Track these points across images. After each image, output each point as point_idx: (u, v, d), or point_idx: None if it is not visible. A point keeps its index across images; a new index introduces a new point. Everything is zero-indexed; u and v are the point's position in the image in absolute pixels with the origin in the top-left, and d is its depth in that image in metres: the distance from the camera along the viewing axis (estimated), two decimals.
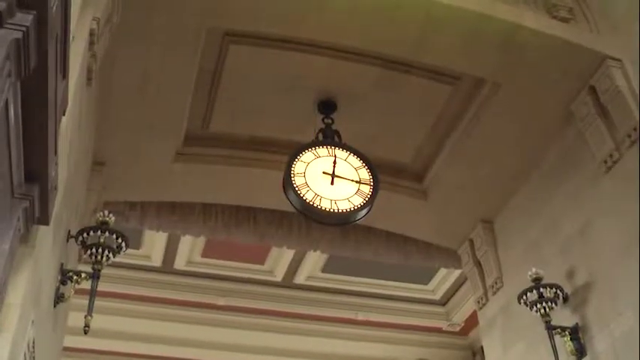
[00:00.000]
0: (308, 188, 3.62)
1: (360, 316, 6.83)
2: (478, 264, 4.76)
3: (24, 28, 1.51)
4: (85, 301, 3.06)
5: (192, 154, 4.32)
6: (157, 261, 6.31)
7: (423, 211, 4.71)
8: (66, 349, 3.79)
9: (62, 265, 3.04)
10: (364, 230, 4.91)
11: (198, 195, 4.62)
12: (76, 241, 3.17)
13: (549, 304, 3.61)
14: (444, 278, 6.65)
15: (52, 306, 2.90)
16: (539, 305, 3.61)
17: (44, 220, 2.19)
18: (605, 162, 3.62)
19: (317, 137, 3.89)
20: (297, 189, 3.60)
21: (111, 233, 3.17)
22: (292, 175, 3.64)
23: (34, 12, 1.53)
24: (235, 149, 4.37)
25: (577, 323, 3.62)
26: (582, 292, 3.67)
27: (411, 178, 4.64)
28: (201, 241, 6.08)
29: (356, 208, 3.62)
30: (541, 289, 3.65)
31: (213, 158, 4.36)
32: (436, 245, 5.04)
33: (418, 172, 4.63)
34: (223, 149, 4.36)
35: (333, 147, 3.81)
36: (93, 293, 3.07)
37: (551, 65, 3.63)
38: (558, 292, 3.66)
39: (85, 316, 3.00)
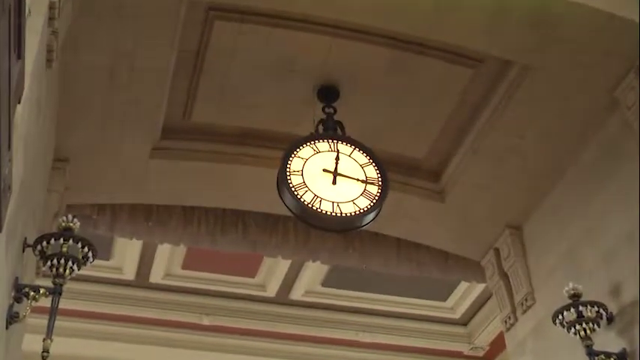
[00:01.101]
0: (306, 189, 3.61)
1: (366, 338, 6.82)
2: (505, 277, 4.75)
3: None
4: (44, 322, 3.02)
5: (172, 148, 4.31)
6: (129, 274, 6.30)
7: (440, 215, 4.71)
8: None
9: (17, 279, 2.99)
10: (371, 237, 4.91)
11: (178, 196, 4.62)
12: (34, 251, 3.13)
13: (590, 325, 3.56)
14: (465, 294, 6.64)
15: (4, 327, 2.83)
16: (578, 326, 3.57)
17: None
18: None
19: (316, 129, 3.88)
20: (293, 189, 3.59)
21: (75, 241, 3.13)
22: (288, 174, 3.63)
23: None
24: (221, 143, 4.36)
25: (624, 348, 3.55)
26: (630, 311, 3.60)
27: (425, 176, 4.64)
28: (181, 250, 6.07)
29: (362, 211, 3.62)
30: (580, 308, 3.60)
31: (195, 154, 4.36)
32: (455, 255, 5.04)
33: (434, 169, 4.62)
34: (207, 143, 4.35)
35: (335, 141, 3.80)
36: (53, 312, 3.03)
37: (591, 44, 3.60)
38: (601, 310, 3.60)
39: (44, 339, 2.96)
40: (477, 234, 4.81)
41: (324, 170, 3.70)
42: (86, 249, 3.16)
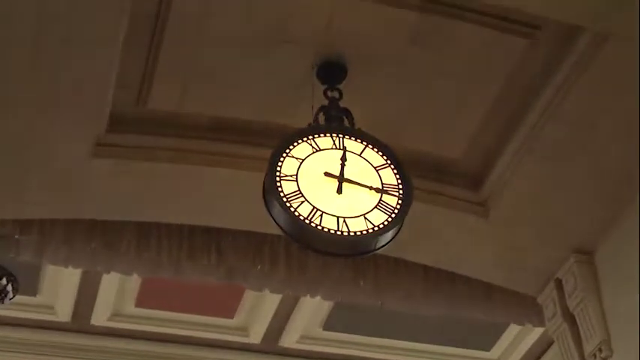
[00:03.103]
0: (302, 199, 3.60)
1: None
2: (570, 319, 4.74)
3: None
4: None
5: (121, 145, 4.31)
6: (64, 314, 6.32)
7: (482, 235, 4.71)
8: None
9: None
10: (389, 265, 4.92)
11: (130, 209, 4.62)
12: None
13: None
14: (516, 341, 6.66)
15: None
16: None
17: None
18: None
19: (316, 120, 3.88)
20: (285, 200, 3.58)
21: None
22: (278, 179, 3.62)
23: None
24: (188, 138, 4.37)
25: None
26: None
27: (462, 183, 4.64)
28: (134, 282, 6.08)
29: (376, 229, 3.60)
30: None
31: (153, 152, 4.36)
32: (502, 289, 5.04)
33: (473, 174, 4.63)
34: (169, 138, 4.36)
35: (340, 135, 3.80)
36: None
37: None
38: None
39: None
40: (531, 260, 4.80)
41: (327, 174, 3.68)
42: (4, 281, 3.16)
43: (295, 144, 3.73)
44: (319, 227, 3.55)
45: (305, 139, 3.75)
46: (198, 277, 4.95)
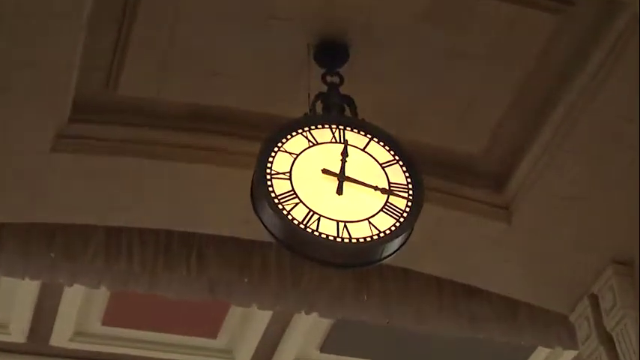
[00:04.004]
0: (297, 200, 3.60)
1: None
2: (608, 341, 4.74)
3: None
4: None
5: (87, 136, 4.32)
6: (19, 333, 6.34)
7: (505, 244, 4.73)
8: None
9: None
10: (397, 277, 4.95)
11: (96, 212, 4.62)
12: None
13: None
14: None
15: None
16: None
17: None
18: None
19: (313, 109, 3.89)
20: (277, 202, 3.58)
21: None
22: (269, 177, 3.63)
23: None
24: (165, 129, 4.38)
25: None
26: None
27: (482, 183, 4.66)
28: (101, 296, 6.10)
29: (383, 236, 3.60)
30: None
31: (124, 145, 4.37)
32: (529, 305, 5.06)
33: (495, 172, 4.65)
34: (143, 129, 4.37)
35: (341, 126, 3.81)
36: None
37: None
38: None
39: None
40: (562, 273, 4.82)
41: (325, 172, 3.70)
42: None
43: (288, 136, 3.73)
44: (316, 233, 3.54)
45: (300, 130, 3.75)
46: (176, 291, 4.94)
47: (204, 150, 4.41)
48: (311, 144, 3.75)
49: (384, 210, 3.66)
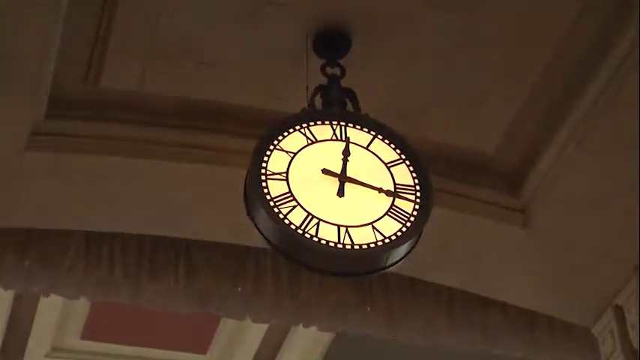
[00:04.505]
0: (295, 203, 3.61)
1: None
2: (634, 356, 4.74)
3: None
4: None
5: (65, 134, 4.33)
6: None
7: (522, 250, 4.73)
8: None
9: None
10: (404, 287, 4.96)
11: (75, 216, 4.63)
12: None
13: None
14: None
15: None
16: None
17: None
18: None
19: (311, 103, 3.90)
20: (272, 205, 3.59)
21: None
22: (264, 178, 3.63)
23: None
24: (150, 126, 4.39)
25: None
26: None
27: (496, 184, 4.67)
28: (81, 308, 6.10)
29: (388, 242, 3.60)
30: None
31: (105, 143, 4.37)
32: (548, 317, 5.07)
33: (511, 172, 4.66)
34: (127, 125, 4.37)
35: (342, 122, 3.82)
36: None
37: None
38: None
39: None
40: (584, 282, 4.81)
41: (325, 172, 3.70)
42: None
43: (285, 133, 3.73)
44: (315, 239, 3.54)
45: (297, 127, 3.76)
46: (162, 303, 4.94)
47: (193, 148, 4.41)
48: (310, 142, 3.75)
49: (389, 214, 3.66)
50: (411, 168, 3.78)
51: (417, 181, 3.75)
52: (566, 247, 4.73)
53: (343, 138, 3.78)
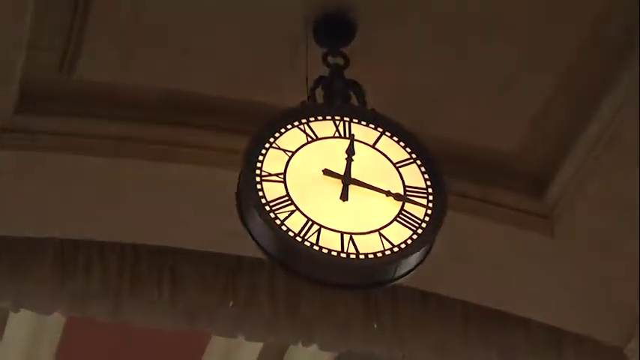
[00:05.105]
0: (293, 207, 3.61)
1: None
2: None
3: None
4: None
5: (36, 131, 4.34)
6: None
7: (546, 260, 4.74)
8: None
9: None
10: (415, 301, 4.95)
11: (48, 221, 4.64)
12: None
13: None
14: None
15: None
16: None
17: None
18: None
19: (312, 96, 3.90)
20: (268, 210, 3.59)
21: None
22: (259, 179, 3.63)
23: None
24: (132, 121, 4.40)
25: None
26: None
27: (518, 186, 4.68)
28: (54, 325, 6.10)
29: (397, 251, 3.60)
30: None
31: (81, 140, 4.38)
32: (576, 335, 5.06)
33: (534, 173, 4.67)
34: (105, 120, 4.38)
35: (346, 118, 3.82)
36: None
37: None
38: None
39: None
40: (616, 296, 4.82)
41: (327, 173, 3.70)
42: None
43: (282, 130, 3.73)
44: (316, 247, 3.54)
45: (296, 123, 3.75)
46: (145, 319, 4.93)
47: (179, 146, 4.42)
48: (309, 139, 3.75)
49: (398, 219, 3.66)
50: (423, 168, 3.78)
51: (429, 183, 3.75)
52: (595, 258, 4.73)
53: (347, 135, 3.78)
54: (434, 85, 4.31)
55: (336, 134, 3.78)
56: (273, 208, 3.58)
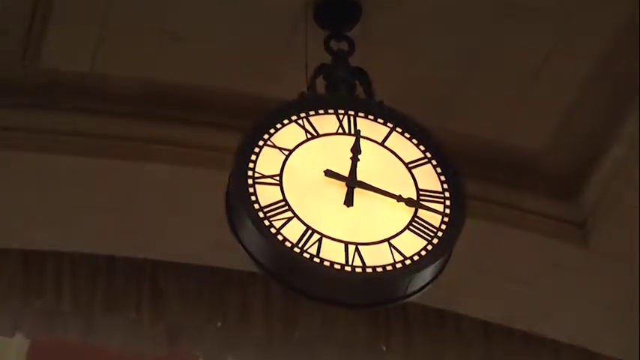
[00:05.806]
0: (290, 214, 3.60)
1: None
2: None
3: None
4: None
5: None
6: None
7: (579, 274, 4.75)
8: None
9: None
10: (428, 320, 4.97)
11: (10, 229, 4.65)
12: None
13: None
14: None
15: None
16: None
17: None
18: None
19: (312, 86, 3.90)
20: (262, 216, 3.58)
21: None
22: (251, 182, 3.63)
23: None
24: (107, 115, 4.41)
25: None
26: None
27: (547, 191, 4.70)
28: (18, 347, 6.15)
29: (409, 263, 3.60)
30: None
31: (48, 137, 4.40)
32: (608, 359, 5.09)
33: (565, 176, 4.68)
34: (76, 114, 4.39)
35: (351, 111, 3.83)
36: None
37: None
38: None
39: None
40: None
41: (329, 175, 3.70)
42: None
43: (279, 125, 3.73)
44: (316, 259, 3.53)
45: (294, 117, 3.76)
46: (121, 340, 4.94)
47: (161, 144, 4.43)
48: (309, 136, 3.76)
49: (410, 228, 3.66)
50: (439, 169, 3.78)
51: (445, 186, 3.75)
52: (634, 271, 4.72)
53: (352, 131, 3.78)
54: (450, 76, 4.32)
55: (340, 130, 3.78)
56: (268, 215, 3.57)
